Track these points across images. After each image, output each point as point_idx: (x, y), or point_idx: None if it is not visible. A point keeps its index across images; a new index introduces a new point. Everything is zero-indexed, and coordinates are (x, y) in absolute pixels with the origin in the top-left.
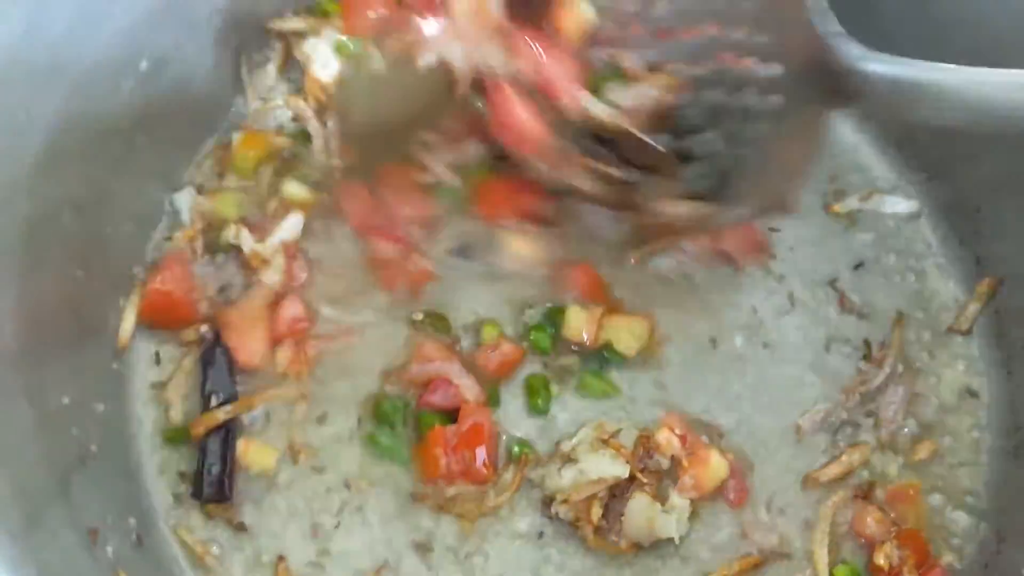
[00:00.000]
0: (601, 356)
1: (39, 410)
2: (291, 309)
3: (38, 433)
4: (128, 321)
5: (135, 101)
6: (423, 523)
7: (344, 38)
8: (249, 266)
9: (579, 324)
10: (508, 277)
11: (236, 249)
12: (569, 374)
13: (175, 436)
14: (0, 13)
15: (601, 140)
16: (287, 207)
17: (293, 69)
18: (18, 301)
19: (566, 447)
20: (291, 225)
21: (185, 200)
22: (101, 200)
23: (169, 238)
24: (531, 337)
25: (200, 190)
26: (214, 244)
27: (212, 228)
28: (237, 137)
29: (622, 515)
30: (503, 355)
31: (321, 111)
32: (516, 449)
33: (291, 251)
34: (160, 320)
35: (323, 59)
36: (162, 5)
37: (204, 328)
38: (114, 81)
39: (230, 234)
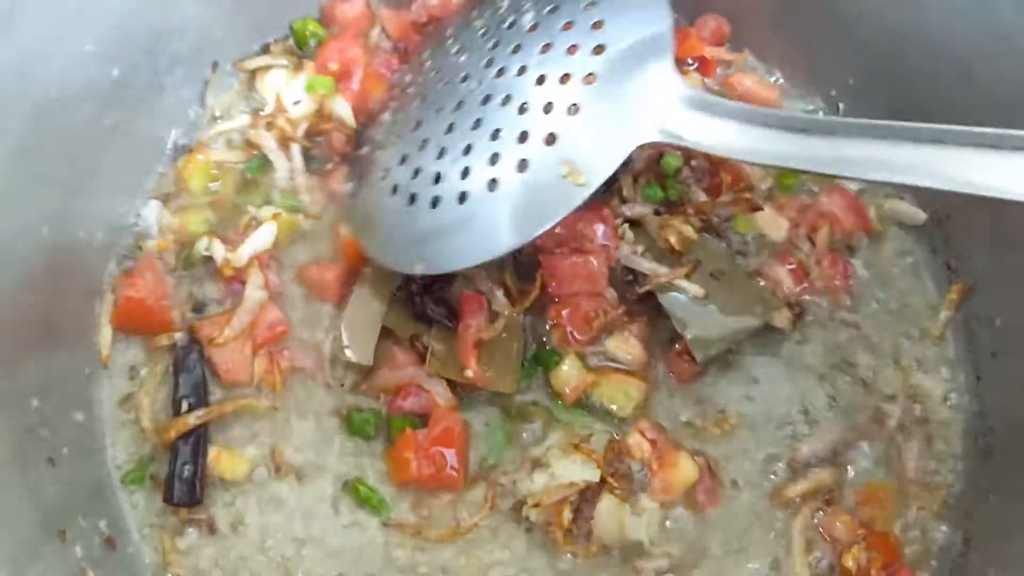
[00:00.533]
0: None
1: (7, 411)
2: (269, 315)
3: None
4: (105, 331)
5: (100, 119)
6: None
7: (317, 77)
8: (224, 277)
9: (569, 379)
10: None
11: (210, 261)
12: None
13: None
14: None
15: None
16: (258, 221)
17: (251, 98)
18: None
19: (537, 451)
20: (263, 236)
21: (152, 213)
22: (72, 213)
23: (139, 247)
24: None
25: (166, 202)
26: (189, 258)
27: (184, 242)
28: (182, 160)
29: (591, 518)
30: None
31: (284, 142)
32: (488, 461)
33: (264, 260)
34: (133, 326)
35: (294, 95)
36: (127, 31)
37: (178, 335)
38: (80, 100)
39: (202, 246)
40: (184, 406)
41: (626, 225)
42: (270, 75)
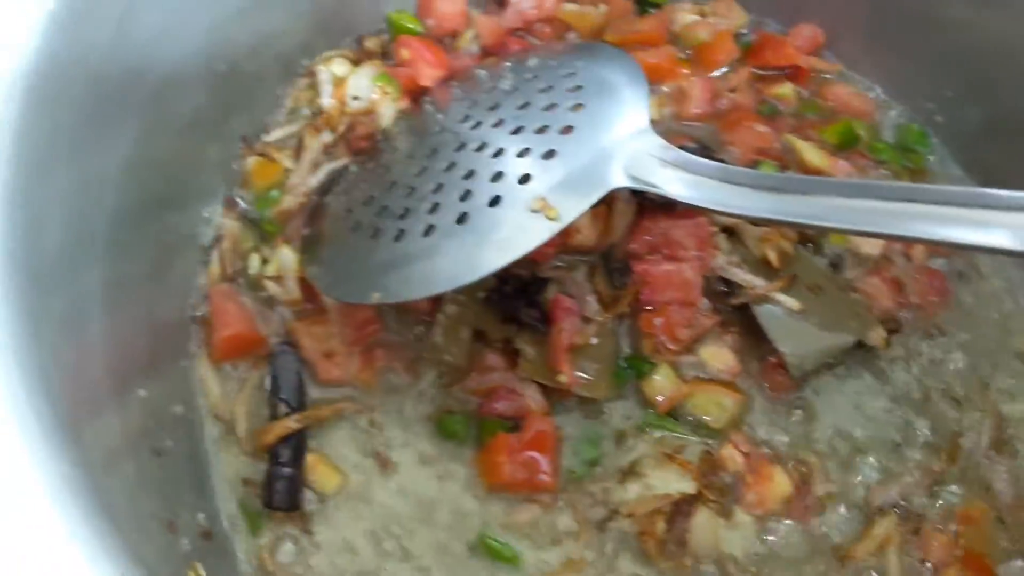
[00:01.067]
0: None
1: (120, 401)
2: (362, 313)
3: (116, 418)
4: (206, 375)
5: (206, 110)
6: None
7: (387, 75)
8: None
9: (662, 389)
10: None
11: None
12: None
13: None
14: (93, 15)
15: None
16: None
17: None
18: (103, 305)
19: (628, 461)
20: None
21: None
22: (176, 199)
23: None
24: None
25: (230, 207)
26: (252, 281)
27: (240, 254)
28: (253, 162)
29: (686, 531)
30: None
31: (331, 146)
32: (577, 467)
33: None
34: (234, 355)
35: (355, 89)
36: (232, 31)
37: (273, 340)
38: (191, 90)
39: (255, 265)
40: (282, 408)
41: (722, 234)
42: (334, 65)
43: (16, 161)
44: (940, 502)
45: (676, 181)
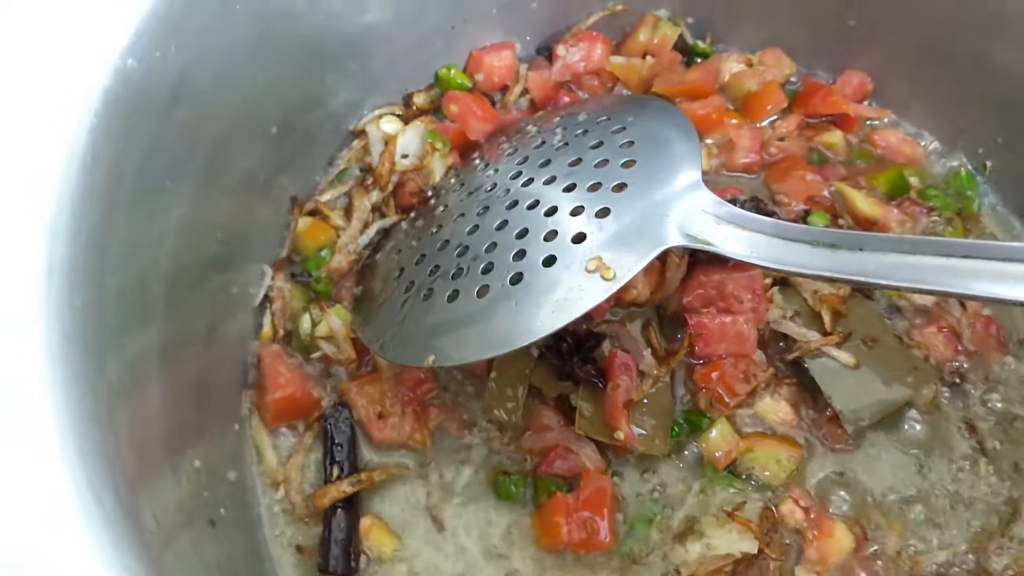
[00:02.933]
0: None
1: (176, 472)
2: (415, 372)
3: (172, 489)
4: (255, 428)
5: (258, 166)
6: None
7: (436, 132)
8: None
9: (720, 445)
10: None
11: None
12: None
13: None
14: (147, 88)
15: None
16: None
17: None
18: (160, 367)
19: (688, 518)
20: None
21: (265, 281)
22: (228, 260)
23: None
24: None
25: (279, 269)
26: (302, 345)
27: (291, 316)
28: (304, 222)
29: None
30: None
31: (380, 204)
32: (638, 529)
33: None
34: (288, 418)
35: (405, 147)
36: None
37: (325, 402)
38: (250, 139)
39: (306, 328)
40: (335, 472)
41: (775, 288)
42: (383, 123)
43: (75, 241)
44: (1004, 560)
45: (731, 239)
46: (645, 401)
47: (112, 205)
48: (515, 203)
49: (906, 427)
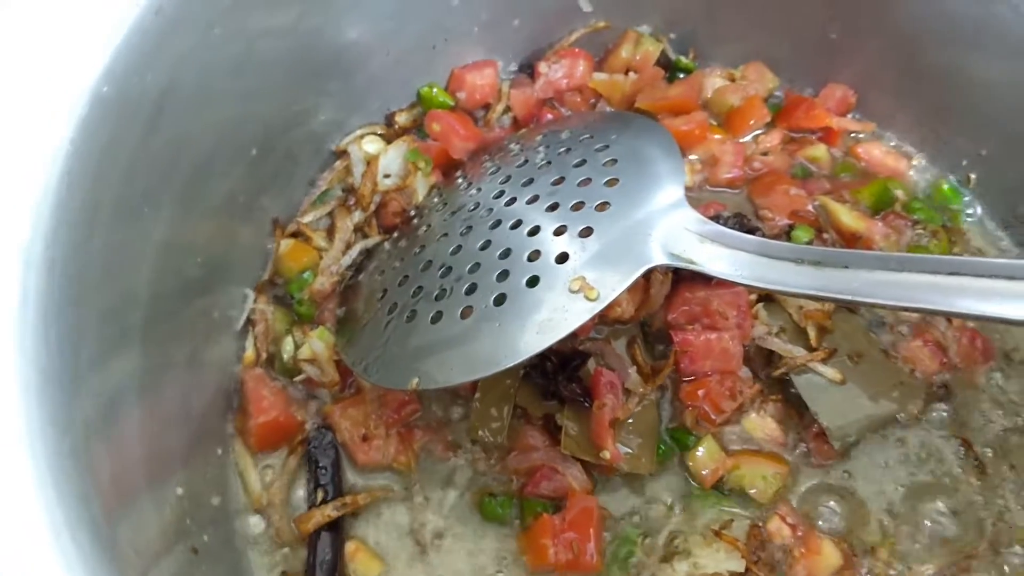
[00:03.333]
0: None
1: (157, 501)
2: (399, 393)
3: (154, 516)
4: (239, 452)
5: (239, 187)
6: None
7: (418, 151)
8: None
9: (707, 463)
10: None
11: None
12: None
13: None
14: (125, 112)
15: None
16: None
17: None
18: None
19: (675, 537)
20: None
21: (247, 304)
22: (209, 284)
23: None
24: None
25: (261, 292)
26: (284, 368)
27: (273, 338)
28: (286, 244)
29: None
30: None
31: (363, 224)
32: (624, 549)
33: None
34: (272, 443)
35: (387, 167)
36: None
37: (308, 425)
38: (230, 161)
39: (288, 351)
40: (320, 495)
41: (760, 304)
42: (365, 142)
43: (49, 272)
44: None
45: (715, 257)
46: (631, 420)
47: (88, 234)
48: (498, 223)
49: (893, 442)
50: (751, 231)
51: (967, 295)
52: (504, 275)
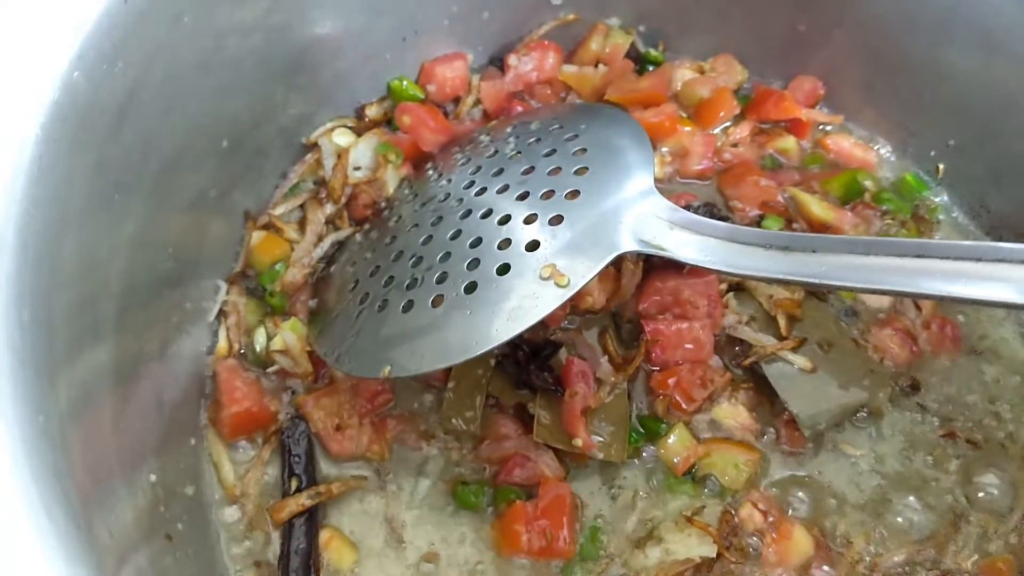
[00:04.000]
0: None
1: (131, 488)
2: (371, 383)
3: (128, 505)
4: (212, 443)
5: (210, 181)
6: None
7: (389, 144)
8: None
9: (678, 451)
10: None
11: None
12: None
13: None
14: (95, 102)
15: None
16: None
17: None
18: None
19: (646, 524)
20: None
21: (219, 297)
22: (181, 276)
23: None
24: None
25: (233, 283)
26: (257, 359)
27: (246, 329)
28: (258, 236)
29: None
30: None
31: (334, 216)
32: (595, 532)
33: None
34: (245, 431)
35: (358, 159)
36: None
37: (282, 415)
38: (201, 154)
39: (260, 342)
40: (294, 485)
41: (730, 293)
42: (336, 135)
43: (22, 255)
44: (973, 557)
45: (684, 244)
46: (605, 406)
47: (60, 221)
48: (468, 212)
49: (863, 429)
50: (722, 220)
51: (934, 277)
52: (475, 263)
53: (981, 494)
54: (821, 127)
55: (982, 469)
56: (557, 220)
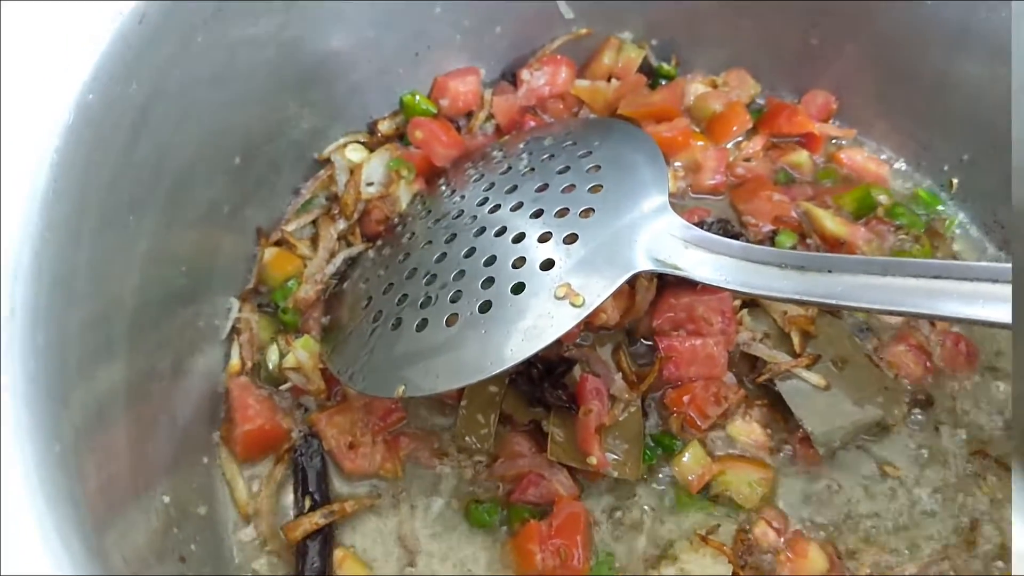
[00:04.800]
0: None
1: (144, 510)
2: (385, 400)
3: (141, 526)
4: (225, 461)
5: (223, 196)
6: None
7: (402, 160)
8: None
9: (693, 468)
10: None
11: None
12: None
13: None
14: (107, 123)
15: None
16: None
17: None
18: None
19: (661, 542)
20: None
21: (232, 313)
22: (194, 293)
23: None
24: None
25: (245, 300)
26: (269, 376)
27: (259, 346)
28: (270, 253)
29: None
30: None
31: (347, 232)
32: (609, 551)
33: None
34: (259, 452)
35: (371, 175)
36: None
37: (295, 433)
38: (214, 170)
39: (272, 360)
40: (307, 503)
41: (744, 310)
42: (348, 151)
43: (37, 280)
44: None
45: (699, 263)
46: (619, 423)
47: (75, 242)
48: (482, 230)
49: (878, 446)
50: (735, 237)
51: (951, 298)
52: (489, 282)
53: (995, 511)
54: (834, 141)
55: (997, 486)
56: (572, 238)
